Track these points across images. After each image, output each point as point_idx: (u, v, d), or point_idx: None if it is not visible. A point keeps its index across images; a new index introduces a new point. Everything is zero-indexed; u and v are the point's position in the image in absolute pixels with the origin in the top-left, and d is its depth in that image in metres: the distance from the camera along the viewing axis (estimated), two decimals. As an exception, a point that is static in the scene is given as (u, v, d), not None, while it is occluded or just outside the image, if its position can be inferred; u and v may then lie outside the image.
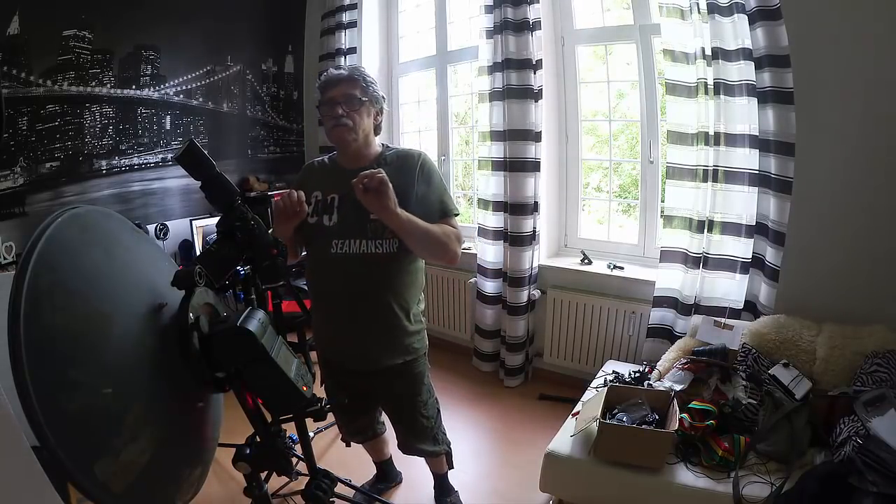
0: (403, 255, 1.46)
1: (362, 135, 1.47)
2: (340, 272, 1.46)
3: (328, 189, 1.49)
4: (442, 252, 1.44)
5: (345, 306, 1.50)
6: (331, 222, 1.47)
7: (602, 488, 1.70)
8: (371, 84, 1.48)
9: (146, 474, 0.80)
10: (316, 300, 1.59)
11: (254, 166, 3.66)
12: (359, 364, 1.56)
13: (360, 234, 1.43)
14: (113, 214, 0.99)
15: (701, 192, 2.22)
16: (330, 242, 1.46)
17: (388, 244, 1.44)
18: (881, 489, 1.29)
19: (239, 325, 0.90)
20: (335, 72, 1.50)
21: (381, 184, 1.27)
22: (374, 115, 1.51)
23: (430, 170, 1.50)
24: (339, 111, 1.42)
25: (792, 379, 1.74)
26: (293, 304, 1.62)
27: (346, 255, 1.44)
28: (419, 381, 1.64)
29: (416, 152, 1.54)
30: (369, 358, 1.54)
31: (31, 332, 0.67)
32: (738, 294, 2.22)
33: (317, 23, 3.56)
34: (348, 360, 1.58)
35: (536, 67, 2.56)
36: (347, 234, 1.44)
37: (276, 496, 1.82)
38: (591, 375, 2.31)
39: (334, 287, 1.51)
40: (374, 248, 1.43)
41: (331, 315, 1.55)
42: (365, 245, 1.43)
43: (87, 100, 2.73)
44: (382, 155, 1.51)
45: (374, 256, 1.44)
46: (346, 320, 1.52)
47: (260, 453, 1.03)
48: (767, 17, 1.89)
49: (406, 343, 1.55)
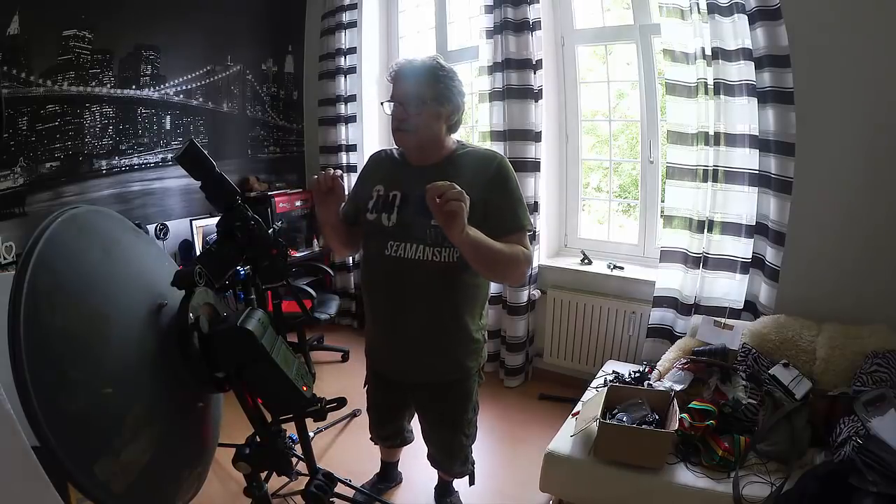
0: (464, 266, 1.29)
1: (426, 139, 1.34)
2: (392, 276, 1.36)
3: (391, 185, 1.38)
4: (508, 274, 1.31)
5: (391, 313, 1.41)
6: (389, 222, 1.35)
7: (602, 488, 1.70)
8: (443, 80, 1.30)
9: (146, 474, 0.80)
10: (367, 304, 1.50)
11: (254, 166, 3.65)
12: (398, 375, 1.50)
13: (420, 238, 1.31)
14: (113, 214, 0.99)
15: (701, 192, 2.22)
16: (385, 243, 1.35)
17: (447, 253, 1.31)
18: (881, 489, 1.29)
19: (239, 325, 0.90)
20: (407, 67, 1.32)
21: (457, 203, 1.08)
22: (447, 116, 1.34)
23: (505, 176, 1.34)
24: (404, 112, 1.30)
25: (792, 379, 1.74)
26: (293, 304, 1.61)
27: (400, 258, 1.33)
28: (467, 399, 1.52)
29: (492, 154, 1.39)
30: (410, 371, 1.46)
31: (31, 333, 0.67)
32: (738, 294, 2.22)
33: (317, 23, 3.55)
34: (389, 369, 1.51)
35: (536, 67, 2.56)
36: (405, 237, 1.33)
37: (276, 496, 1.82)
38: (591, 375, 2.31)
39: (384, 291, 1.41)
40: (431, 256, 1.31)
41: (376, 319, 1.47)
42: (422, 251, 1.31)
43: (87, 100, 2.73)
44: (455, 153, 1.38)
45: (432, 265, 1.31)
46: (391, 327, 1.42)
47: (260, 453, 1.03)
48: (767, 17, 1.90)
49: (456, 359, 1.44)
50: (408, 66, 1.33)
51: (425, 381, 1.48)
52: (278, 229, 1.23)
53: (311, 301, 2.71)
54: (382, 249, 1.36)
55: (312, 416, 1.05)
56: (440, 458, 1.66)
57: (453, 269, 1.32)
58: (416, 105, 1.30)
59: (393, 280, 1.37)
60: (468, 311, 1.42)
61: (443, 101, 1.32)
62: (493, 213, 1.30)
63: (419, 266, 1.32)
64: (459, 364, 1.46)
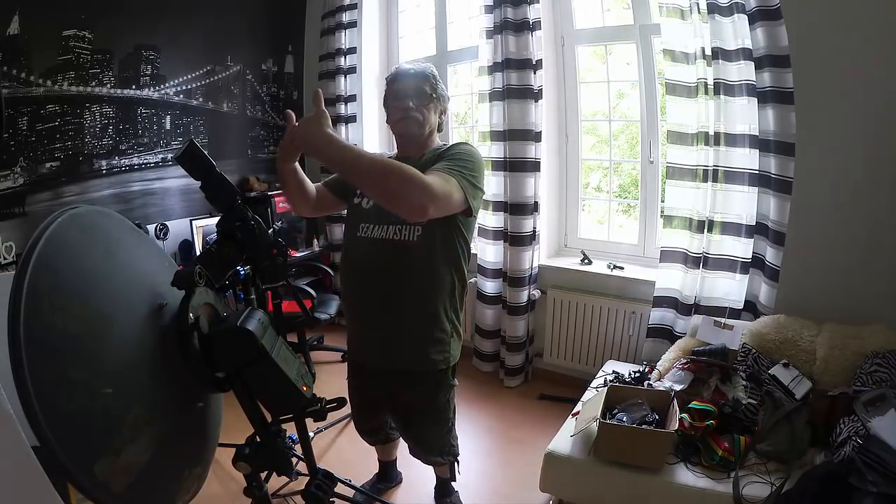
0: (426, 246, 1.36)
1: (427, 130, 1.47)
2: (361, 257, 1.43)
3: None
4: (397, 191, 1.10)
5: (359, 295, 1.47)
6: (367, 204, 1.44)
7: (602, 488, 1.70)
8: (439, 82, 1.49)
9: (146, 474, 0.80)
10: (341, 286, 1.57)
11: (254, 166, 3.66)
12: (369, 361, 1.53)
13: (385, 218, 1.38)
14: (113, 214, 0.99)
15: (701, 192, 2.22)
16: (359, 225, 1.43)
17: (407, 230, 1.37)
18: (881, 489, 1.29)
19: (239, 325, 0.90)
20: (406, 66, 1.50)
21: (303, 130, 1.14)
22: (440, 113, 1.51)
23: (458, 151, 1.36)
24: (409, 104, 1.42)
25: (792, 379, 1.75)
26: (293, 304, 1.61)
27: (370, 238, 1.40)
28: (432, 395, 1.53)
29: (461, 141, 1.50)
30: (373, 355, 1.50)
31: (31, 333, 0.67)
32: (738, 294, 2.22)
33: (317, 23, 3.55)
34: (361, 356, 1.55)
35: (536, 67, 2.56)
36: (377, 220, 1.40)
37: (276, 496, 1.82)
38: (591, 375, 2.31)
39: (354, 273, 1.48)
40: (394, 235, 1.37)
41: (349, 305, 1.54)
42: (386, 230, 1.39)
43: (87, 100, 2.73)
44: (440, 148, 1.45)
45: (395, 243, 1.37)
46: (359, 310, 1.49)
47: (260, 453, 1.03)
48: (767, 17, 1.89)
49: (422, 350, 1.45)
50: (410, 67, 1.49)
51: (391, 368, 1.49)
52: (278, 229, 1.23)
53: (311, 301, 2.71)
54: (355, 232, 1.44)
55: (312, 416, 1.04)
56: (417, 451, 1.71)
57: (416, 247, 1.37)
58: (424, 97, 1.44)
59: (361, 261, 1.44)
60: (435, 296, 1.43)
61: (439, 99, 1.49)
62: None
63: (383, 245, 1.39)
64: (424, 353, 1.45)
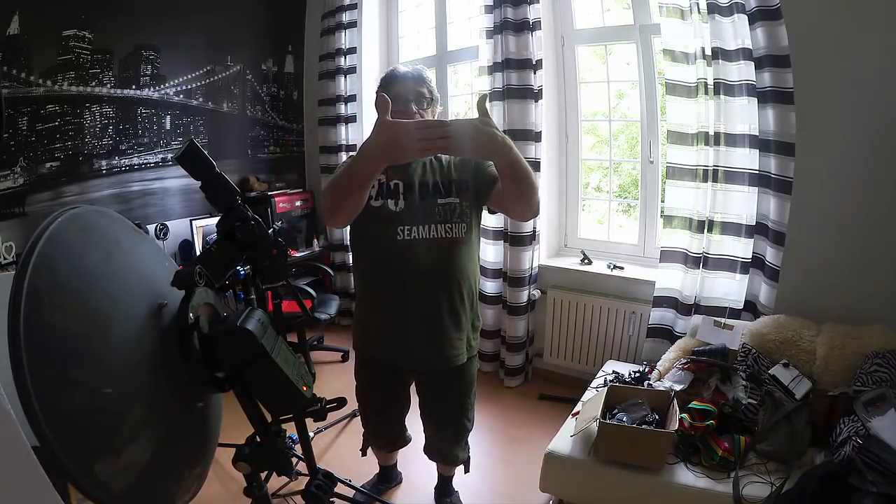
0: (472, 240, 1.45)
1: None
2: (406, 261, 1.39)
3: (390, 175, 1.42)
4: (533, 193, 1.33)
5: (409, 298, 1.43)
6: (397, 207, 1.41)
7: (602, 488, 1.70)
8: (433, 83, 1.50)
9: (146, 474, 0.80)
10: (370, 293, 1.52)
11: (254, 166, 3.65)
12: (418, 363, 1.50)
13: (429, 219, 1.40)
14: (113, 214, 0.99)
15: (701, 192, 2.22)
16: (395, 229, 1.39)
17: (457, 228, 1.41)
18: (881, 489, 1.29)
19: (239, 325, 0.90)
20: (402, 69, 1.49)
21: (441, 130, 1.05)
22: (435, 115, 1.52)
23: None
24: (412, 108, 1.42)
25: (792, 379, 1.75)
26: (293, 304, 1.61)
27: (413, 241, 1.39)
28: (473, 381, 1.59)
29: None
30: (434, 356, 1.47)
31: (31, 332, 0.67)
32: (738, 294, 2.22)
33: (317, 23, 3.55)
34: (406, 359, 1.50)
35: (536, 67, 2.56)
36: (415, 221, 1.40)
37: (276, 496, 1.82)
38: (591, 375, 2.31)
39: (398, 278, 1.42)
40: (443, 233, 1.40)
41: (389, 309, 1.46)
42: (434, 230, 1.40)
43: (87, 100, 2.73)
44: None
45: (444, 241, 1.40)
46: (410, 314, 1.44)
47: (260, 453, 1.03)
48: (767, 17, 1.89)
49: (471, 338, 1.51)
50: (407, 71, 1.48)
51: (441, 368, 1.50)
52: (278, 229, 1.23)
53: (311, 301, 2.71)
54: (393, 234, 1.40)
55: (312, 416, 1.05)
56: (443, 445, 1.68)
57: (463, 242, 1.43)
58: (423, 101, 1.45)
59: (407, 265, 1.40)
60: (476, 287, 1.51)
61: (435, 101, 1.50)
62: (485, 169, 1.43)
63: (432, 244, 1.40)
64: (471, 343, 1.52)
